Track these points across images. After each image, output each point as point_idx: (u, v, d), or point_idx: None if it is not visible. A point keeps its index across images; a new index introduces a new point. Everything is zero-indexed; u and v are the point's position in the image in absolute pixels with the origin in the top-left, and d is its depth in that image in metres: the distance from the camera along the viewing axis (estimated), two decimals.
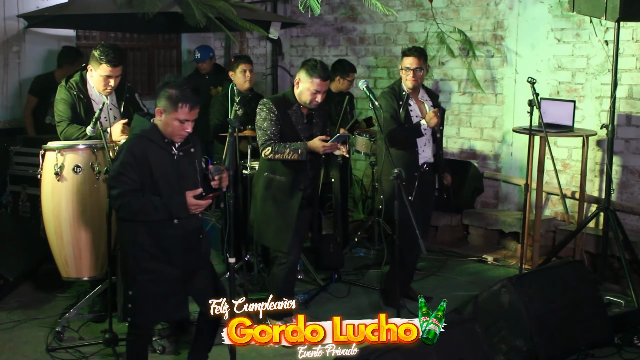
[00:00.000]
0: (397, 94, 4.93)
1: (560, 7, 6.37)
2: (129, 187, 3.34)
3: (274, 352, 4.36)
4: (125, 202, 3.33)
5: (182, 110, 3.34)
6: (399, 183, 3.98)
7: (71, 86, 4.71)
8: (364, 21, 7.94)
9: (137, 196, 3.33)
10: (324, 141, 4.34)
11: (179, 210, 3.30)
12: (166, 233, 3.43)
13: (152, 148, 3.40)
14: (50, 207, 4.44)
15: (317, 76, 4.30)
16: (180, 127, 3.37)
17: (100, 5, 6.38)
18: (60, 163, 4.37)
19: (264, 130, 4.34)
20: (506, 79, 6.83)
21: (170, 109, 3.36)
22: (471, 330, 3.42)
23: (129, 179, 3.34)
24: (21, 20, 7.11)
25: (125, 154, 3.39)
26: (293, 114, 4.41)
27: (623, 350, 4.27)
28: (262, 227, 4.50)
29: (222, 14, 6.06)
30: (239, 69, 5.80)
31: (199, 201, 3.30)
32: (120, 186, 3.35)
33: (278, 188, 4.42)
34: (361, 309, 5.11)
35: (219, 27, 6.14)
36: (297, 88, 4.40)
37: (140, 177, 3.36)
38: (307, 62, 4.40)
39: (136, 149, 3.38)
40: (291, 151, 4.31)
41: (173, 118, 3.35)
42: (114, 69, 4.58)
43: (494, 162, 6.99)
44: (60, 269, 4.51)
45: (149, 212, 3.33)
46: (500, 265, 6.19)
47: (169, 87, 3.39)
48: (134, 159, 3.35)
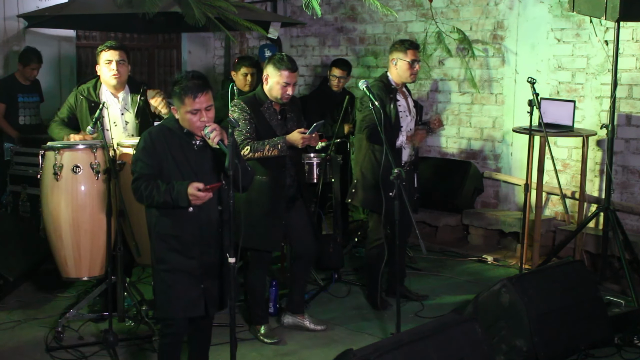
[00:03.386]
0: (388, 89, 4.88)
1: (560, 7, 6.37)
2: (144, 172, 3.39)
3: (274, 352, 4.36)
4: (137, 185, 3.38)
5: (188, 101, 3.36)
6: (399, 183, 3.98)
7: (82, 90, 4.81)
8: (364, 21, 7.94)
9: (148, 181, 3.36)
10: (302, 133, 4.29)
11: (178, 199, 3.29)
12: (181, 222, 3.42)
13: (172, 137, 3.44)
14: (50, 207, 4.44)
15: (285, 68, 4.25)
16: (195, 118, 3.38)
17: (100, 5, 6.39)
18: (60, 163, 4.37)
19: (239, 131, 4.25)
20: (506, 79, 6.83)
21: (179, 105, 3.40)
22: (471, 330, 3.42)
23: (144, 164, 3.40)
24: (21, 20, 7.12)
25: (144, 140, 3.46)
26: (266, 112, 4.35)
27: (623, 350, 4.26)
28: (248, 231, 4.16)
29: (222, 14, 6.06)
30: (241, 72, 5.78)
31: (198, 192, 3.28)
32: (137, 170, 3.42)
33: (260, 188, 4.31)
34: (361, 309, 5.11)
35: (218, 27, 6.14)
36: (267, 84, 4.33)
37: (158, 164, 3.40)
38: (273, 56, 4.35)
39: (155, 136, 3.44)
40: (270, 147, 4.25)
41: (185, 113, 3.38)
42: (115, 51, 4.68)
43: (494, 162, 6.99)
44: (60, 269, 4.51)
45: (154, 197, 3.34)
46: (500, 265, 6.19)
47: (174, 85, 3.44)
48: (152, 145, 3.41)
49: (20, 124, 6.70)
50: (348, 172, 6.04)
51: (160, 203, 3.35)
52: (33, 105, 6.85)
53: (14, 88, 6.68)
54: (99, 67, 4.77)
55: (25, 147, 6.08)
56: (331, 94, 6.56)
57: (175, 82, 3.44)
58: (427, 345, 3.11)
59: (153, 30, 8.30)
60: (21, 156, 5.97)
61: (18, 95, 6.71)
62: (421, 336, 3.19)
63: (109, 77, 4.73)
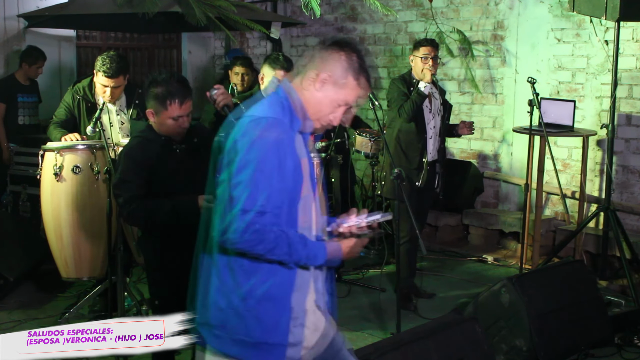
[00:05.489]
0: (408, 82, 5.00)
1: (560, 7, 6.36)
2: (133, 193, 3.19)
3: None
4: (132, 209, 3.18)
5: (172, 107, 3.18)
6: (399, 183, 3.98)
7: (77, 90, 4.74)
8: (364, 21, 7.94)
9: (142, 202, 3.18)
10: None
11: (187, 215, 3.08)
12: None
13: (152, 147, 3.26)
14: (50, 207, 4.44)
15: (280, 67, 4.22)
16: (176, 124, 3.22)
17: (100, 5, 6.39)
18: (60, 163, 4.37)
19: None
20: (506, 78, 6.83)
21: (160, 108, 3.20)
22: (471, 330, 3.42)
23: (131, 184, 3.19)
24: (21, 20, 7.12)
25: (124, 159, 3.26)
26: None
27: (623, 350, 4.26)
28: None
29: (222, 14, 6.06)
30: (234, 71, 5.78)
31: None
32: (124, 193, 3.21)
33: None
34: (361, 309, 5.11)
35: (219, 27, 6.14)
36: (262, 84, 4.31)
37: (145, 180, 3.21)
38: (269, 55, 4.36)
39: (134, 152, 3.25)
40: None
41: (165, 117, 3.20)
42: (110, 79, 4.50)
43: (494, 162, 6.99)
44: (60, 269, 4.51)
45: (157, 218, 3.17)
46: (500, 265, 6.19)
47: (153, 86, 3.22)
48: (134, 163, 3.22)
49: (20, 124, 6.71)
50: (348, 172, 6.04)
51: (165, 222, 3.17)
52: (32, 106, 6.85)
53: (13, 88, 6.69)
54: (96, 72, 4.61)
55: (24, 147, 6.08)
56: None
57: (156, 83, 3.21)
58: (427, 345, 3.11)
59: (153, 30, 8.30)
60: (21, 156, 5.97)
61: (18, 95, 6.72)
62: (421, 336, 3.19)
63: (100, 96, 4.61)
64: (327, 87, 2.29)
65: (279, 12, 8.57)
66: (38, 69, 6.76)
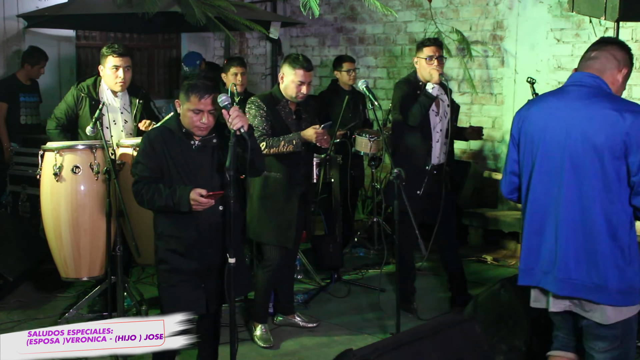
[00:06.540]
0: (414, 84, 4.88)
1: (559, 7, 6.37)
2: (144, 175, 3.42)
3: (274, 352, 4.36)
4: (138, 188, 3.41)
5: (192, 100, 3.37)
6: (398, 183, 3.98)
7: (81, 88, 4.79)
8: (364, 21, 7.95)
9: (149, 184, 3.39)
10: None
11: (179, 203, 3.31)
12: (182, 223, 3.44)
13: (171, 138, 3.46)
14: (50, 207, 4.44)
15: (300, 67, 4.31)
16: (196, 118, 3.39)
17: (100, 5, 6.39)
18: (59, 163, 4.37)
19: (255, 127, 4.30)
20: (506, 79, 6.83)
21: (183, 100, 3.42)
22: (471, 330, 3.41)
23: (144, 166, 3.43)
24: (21, 20, 7.13)
25: (143, 142, 3.50)
26: (281, 110, 4.40)
27: None
28: (260, 226, 4.46)
29: (222, 14, 6.07)
30: (230, 72, 5.78)
31: (200, 198, 3.29)
32: (137, 173, 3.45)
33: (275, 185, 4.39)
34: (361, 309, 5.11)
35: (218, 27, 6.14)
36: (282, 83, 4.39)
37: (158, 166, 3.43)
38: (289, 56, 4.43)
39: (154, 138, 3.47)
40: (286, 143, 4.29)
41: (187, 109, 3.40)
42: (120, 58, 4.68)
43: (494, 162, 6.99)
44: (59, 269, 4.51)
45: (155, 201, 3.37)
46: (500, 265, 6.20)
47: (185, 79, 3.47)
48: (151, 148, 3.44)
49: (22, 124, 6.72)
50: (348, 172, 6.04)
51: (162, 207, 3.37)
52: (34, 105, 6.87)
53: (16, 88, 6.69)
54: (102, 68, 4.75)
55: (24, 147, 6.09)
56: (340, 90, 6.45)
57: (186, 77, 3.48)
58: (427, 345, 3.10)
59: (153, 30, 8.31)
60: (21, 156, 5.97)
61: (20, 95, 6.73)
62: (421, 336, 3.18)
63: (114, 84, 4.73)
64: None
65: (278, 12, 8.57)
66: (40, 70, 6.79)
